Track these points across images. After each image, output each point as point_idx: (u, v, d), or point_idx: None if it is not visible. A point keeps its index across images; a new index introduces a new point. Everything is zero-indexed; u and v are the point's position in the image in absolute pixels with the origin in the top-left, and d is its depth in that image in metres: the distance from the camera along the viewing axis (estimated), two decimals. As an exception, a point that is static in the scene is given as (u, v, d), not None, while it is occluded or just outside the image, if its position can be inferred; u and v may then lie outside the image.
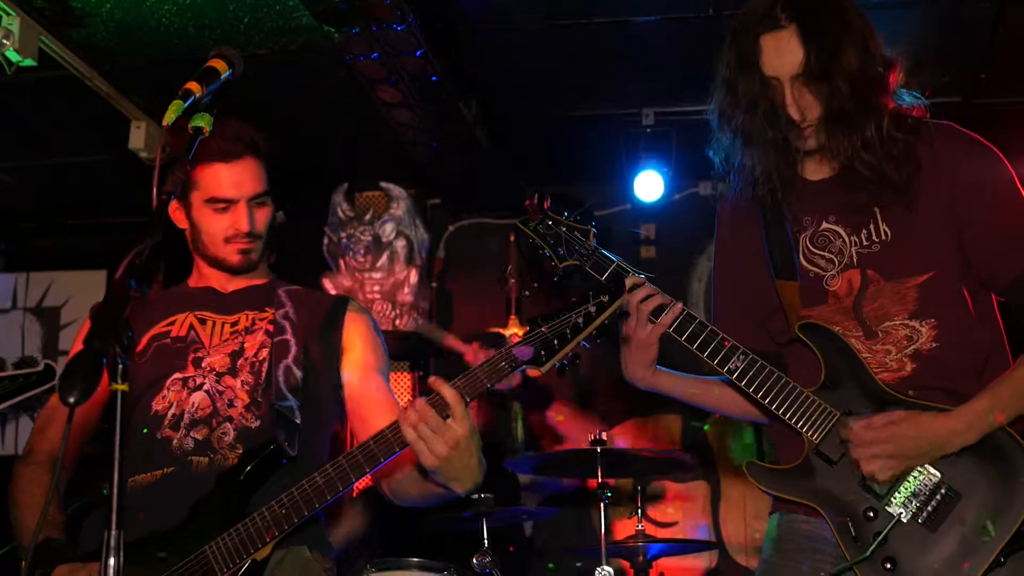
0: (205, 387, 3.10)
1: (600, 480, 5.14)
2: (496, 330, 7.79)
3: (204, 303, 3.29)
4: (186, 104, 2.72)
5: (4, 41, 5.01)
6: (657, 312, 2.99)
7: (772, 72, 2.93)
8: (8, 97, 6.09)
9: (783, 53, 2.91)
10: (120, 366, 2.21)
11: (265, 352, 3.14)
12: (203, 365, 3.14)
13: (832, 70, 2.87)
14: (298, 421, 3.04)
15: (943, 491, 2.76)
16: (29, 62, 5.19)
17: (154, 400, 3.10)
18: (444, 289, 8.05)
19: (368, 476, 2.84)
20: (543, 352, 2.73)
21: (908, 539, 2.75)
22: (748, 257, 3.15)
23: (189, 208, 3.25)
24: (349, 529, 5.84)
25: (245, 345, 3.17)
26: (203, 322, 3.23)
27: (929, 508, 2.76)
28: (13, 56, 5.11)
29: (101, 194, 7.55)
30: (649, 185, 6.86)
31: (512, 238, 7.83)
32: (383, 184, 7.65)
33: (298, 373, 3.12)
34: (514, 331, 7.77)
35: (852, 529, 2.78)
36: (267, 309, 3.25)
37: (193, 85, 2.75)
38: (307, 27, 5.46)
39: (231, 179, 3.20)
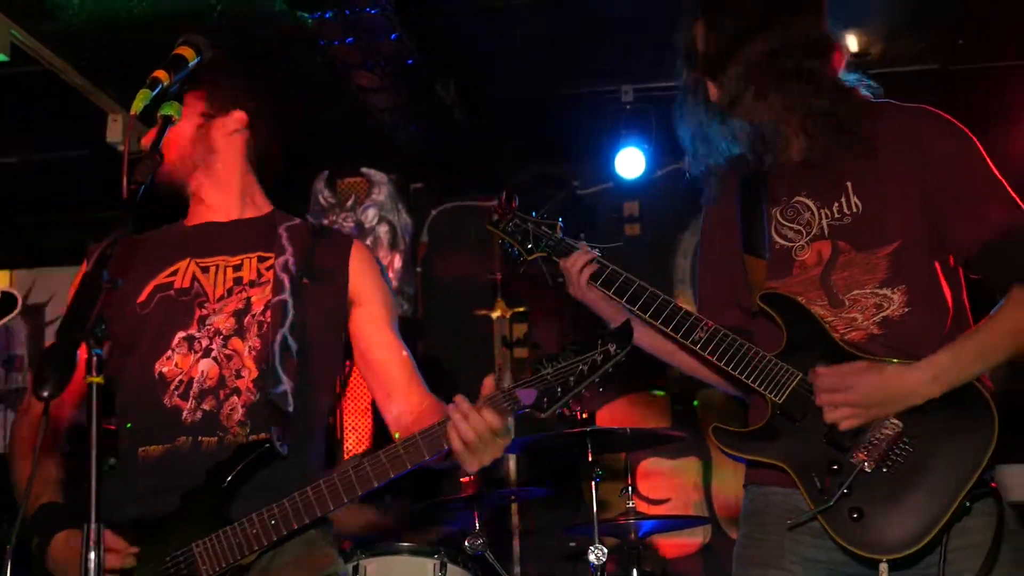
0: (213, 353, 3.03)
1: (591, 459, 5.12)
2: (483, 312, 7.79)
3: (204, 245, 3.19)
4: (154, 93, 2.72)
5: (-27, 36, 4.98)
6: (595, 278, 3.13)
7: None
8: (-18, 93, 6.05)
9: (699, 40, 3.11)
10: (95, 358, 2.20)
11: (270, 314, 3.06)
12: (208, 324, 3.06)
13: (725, 63, 3.01)
14: (290, 409, 2.98)
15: (905, 440, 2.77)
16: (1, 57, 5.15)
17: (158, 361, 3.03)
18: (429, 274, 8.01)
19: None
20: (545, 400, 2.73)
21: (873, 489, 2.76)
22: (726, 235, 3.20)
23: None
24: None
25: (252, 301, 3.09)
26: (205, 270, 3.14)
27: (892, 458, 2.77)
28: (-16, 51, 5.07)
29: (81, 189, 7.47)
30: (631, 162, 6.85)
31: (496, 220, 7.80)
32: (364, 170, 7.62)
33: (293, 346, 3.04)
34: (499, 312, 7.77)
35: (817, 482, 2.80)
36: (269, 253, 3.16)
37: (161, 73, 2.75)
38: (280, 13, 5.41)
39: None
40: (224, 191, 3.24)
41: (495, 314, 7.78)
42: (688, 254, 7.68)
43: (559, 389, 2.72)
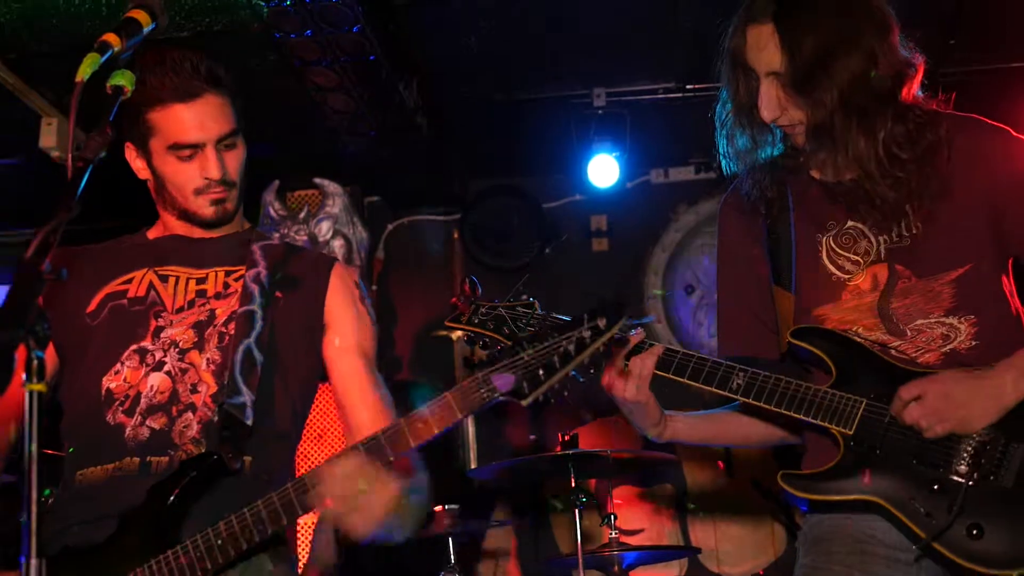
0: (166, 367, 2.77)
1: (574, 484, 4.79)
2: (442, 333, 7.43)
3: (167, 255, 2.94)
4: (103, 59, 2.36)
5: None
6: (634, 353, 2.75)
7: (750, 64, 2.80)
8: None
9: (760, 49, 2.76)
10: (35, 362, 1.85)
11: (234, 325, 2.82)
12: (163, 336, 2.80)
13: (815, 80, 2.68)
14: (250, 422, 2.71)
15: (1002, 442, 2.58)
16: (-77, 50, 4.75)
17: (106, 376, 2.77)
18: (386, 291, 7.66)
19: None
20: (526, 384, 2.40)
21: (986, 500, 2.56)
22: (751, 259, 2.96)
23: (149, 157, 2.89)
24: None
25: (216, 312, 2.84)
26: (164, 279, 2.89)
27: (995, 463, 2.57)
28: (-97, 45, 4.67)
29: (9, 202, 7.07)
30: (603, 170, 6.54)
31: (456, 235, 7.49)
32: (317, 180, 7.25)
33: (258, 358, 2.78)
34: (460, 333, 7.39)
35: (920, 508, 2.58)
36: (237, 267, 2.91)
37: (111, 37, 2.40)
38: (233, 4, 5.02)
39: (193, 121, 2.83)
40: None
41: (455, 335, 7.40)
42: (659, 271, 7.41)
43: (541, 372, 2.39)
